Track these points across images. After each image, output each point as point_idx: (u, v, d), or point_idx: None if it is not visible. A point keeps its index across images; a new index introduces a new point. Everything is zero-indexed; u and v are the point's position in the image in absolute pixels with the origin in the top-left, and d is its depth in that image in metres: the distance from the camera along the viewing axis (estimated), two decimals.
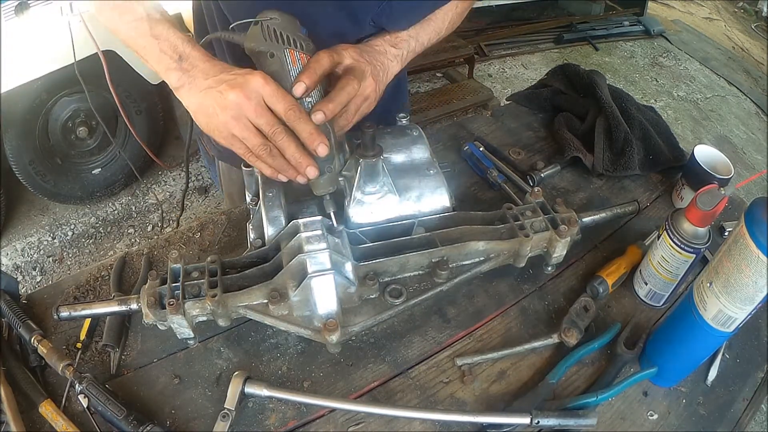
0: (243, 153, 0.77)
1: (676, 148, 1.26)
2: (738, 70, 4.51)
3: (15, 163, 2.37)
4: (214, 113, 0.74)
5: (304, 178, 0.79)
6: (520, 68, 4.15)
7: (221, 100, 0.73)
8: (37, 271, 2.51)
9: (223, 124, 0.74)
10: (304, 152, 0.76)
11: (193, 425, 0.77)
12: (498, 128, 1.33)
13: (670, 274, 0.89)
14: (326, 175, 0.82)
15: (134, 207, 2.83)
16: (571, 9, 4.80)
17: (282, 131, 0.74)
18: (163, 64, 0.77)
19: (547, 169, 1.18)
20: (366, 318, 0.83)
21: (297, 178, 0.79)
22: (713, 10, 5.50)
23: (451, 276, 0.87)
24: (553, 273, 0.98)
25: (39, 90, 2.27)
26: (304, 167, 0.77)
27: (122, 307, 0.78)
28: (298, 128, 0.74)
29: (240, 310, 0.80)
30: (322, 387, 0.82)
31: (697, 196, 0.81)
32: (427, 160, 0.94)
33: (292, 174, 0.79)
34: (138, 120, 2.57)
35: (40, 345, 0.80)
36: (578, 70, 1.37)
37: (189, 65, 0.76)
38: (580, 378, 0.86)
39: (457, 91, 3.41)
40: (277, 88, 0.73)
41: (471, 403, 0.82)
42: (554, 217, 0.92)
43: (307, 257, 0.78)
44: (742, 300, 0.70)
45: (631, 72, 4.27)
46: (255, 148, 0.75)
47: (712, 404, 0.85)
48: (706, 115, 3.95)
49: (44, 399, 0.76)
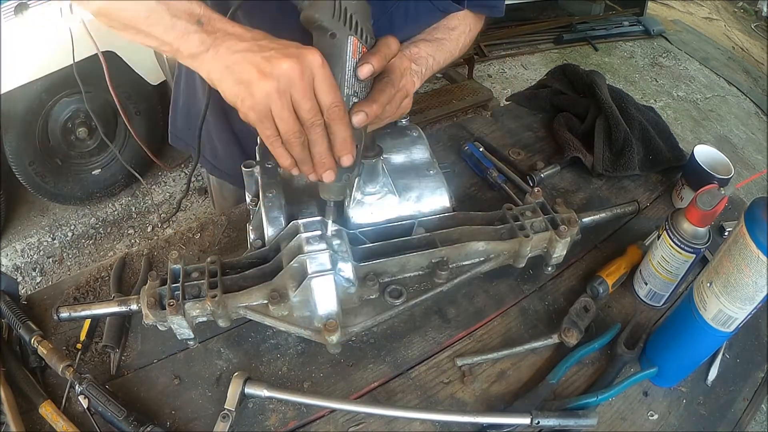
0: (270, 135, 0.67)
1: (675, 148, 1.26)
2: (738, 70, 4.51)
3: (15, 163, 2.37)
4: (251, 80, 0.63)
5: (318, 178, 0.73)
6: (519, 68, 4.15)
7: (269, 66, 0.62)
8: (37, 271, 2.51)
9: (264, 94, 0.63)
10: (330, 154, 0.70)
11: (193, 426, 0.77)
12: (498, 128, 1.33)
13: (670, 274, 0.89)
14: (342, 182, 0.77)
15: (134, 208, 2.82)
16: (570, 9, 4.80)
17: (321, 125, 0.66)
18: (177, 30, 0.64)
19: (546, 170, 1.18)
20: (366, 318, 0.83)
21: (311, 176, 0.73)
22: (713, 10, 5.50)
23: (451, 276, 0.87)
24: (553, 273, 0.98)
25: (39, 91, 2.27)
26: (325, 169, 0.70)
27: (122, 308, 0.78)
28: (334, 128, 0.67)
29: (240, 311, 0.80)
30: (322, 387, 0.82)
31: (697, 196, 0.81)
32: (427, 161, 0.94)
33: (309, 171, 0.72)
34: (138, 120, 2.57)
35: (40, 346, 0.80)
36: (578, 70, 1.37)
37: (213, 28, 0.65)
38: (580, 378, 0.86)
39: (457, 91, 3.41)
40: (330, 75, 0.65)
41: (471, 403, 0.82)
42: (554, 217, 0.92)
43: (307, 258, 0.78)
44: (742, 300, 0.70)
45: (630, 72, 4.27)
46: (287, 134, 0.66)
47: (713, 404, 0.85)
48: (705, 115, 3.95)
49: (44, 400, 0.76)
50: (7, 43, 2.01)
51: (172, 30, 0.65)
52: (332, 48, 0.68)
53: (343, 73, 0.69)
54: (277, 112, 0.64)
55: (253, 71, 0.63)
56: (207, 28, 0.65)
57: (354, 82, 0.71)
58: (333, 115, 0.66)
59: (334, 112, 0.66)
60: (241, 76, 0.64)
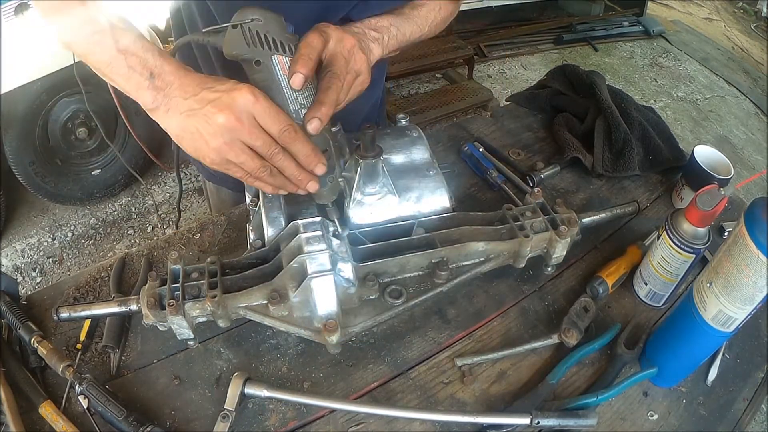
0: (241, 176, 0.72)
1: (675, 149, 1.26)
2: (737, 70, 4.51)
3: (15, 164, 2.37)
4: (201, 139, 0.67)
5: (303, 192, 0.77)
6: (519, 69, 4.15)
7: (209, 126, 0.66)
8: (36, 272, 2.51)
9: (215, 151, 0.67)
10: (302, 170, 0.73)
11: (193, 426, 0.77)
12: (498, 129, 1.33)
13: (670, 274, 0.89)
14: (328, 185, 0.80)
15: (134, 208, 2.83)
16: (570, 9, 4.80)
17: (280, 152, 0.69)
18: (132, 83, 0.67)
19: (546, 170, 1.18)
20: (366, 319, 0.83)
21: (298, 191, 0.77)
22: (713, 11, 5.51)
23: (451, 277, 0.87)
24: (553, 273, 0.99)
25: (39, 91, 2.27)
26: (305, 184, 0.74)
27: (122, 308, 0.78)
28: (293, 150, 0.70)
29: (240, 311, 0.80)
30: (322, 387, 0.82)
31: (696, 197, 0.81)
32: (426, 161, 0.94)
33: (293, 189, 0.76)
34: (137, 121, 2.57)
35: (40, 346, 0.80)
36: (578, 70, 1.37)
37: (163, 83, 0.67)
38: (580, 378, 0.86)
39: (457, 91, 3.41)
40: (269, 105, 0.67)
41: (471, 403, 0.82)
42: (554, 217, 0.92)
43: (307, 258, 0.78)
44: (742, 300, 0.70)
45: (630, 72, 4.27)
46: (254, 172, 0.70)
47: (712, 404, 0.85)
48: (705, 115, 3.95)
49: (44, 400, 0.76)
50: (7, 43, 2.01)
51: (128, 81, 0.67)
52: (262, 74, 0.69)
53: (282, 93, 0.70)
54: (235, 159, 0.68)
55: (201, 131, 0.66)
56: (157, 82, 0.67)
57: (296, 95, 0.71)
58: (286, 139, 0.68)
59: (286, 136, 0.68)
60: (192, 137, 0.68)
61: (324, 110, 0.71)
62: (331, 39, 0.76)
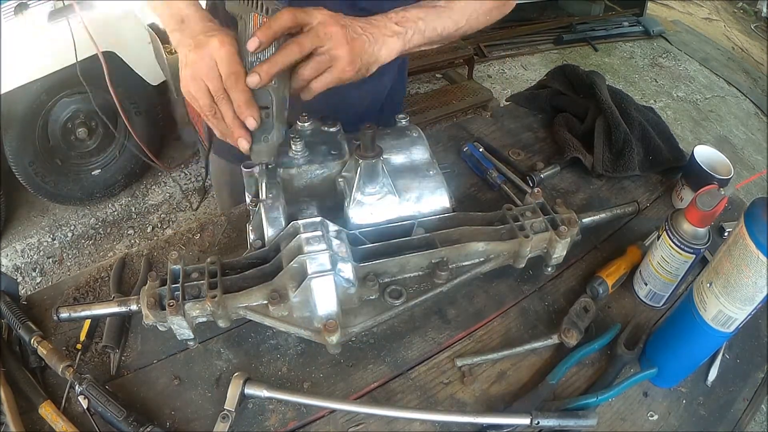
0: (199, 111, 0.80)
1: (675, 149, 1.26)
2: (737, 70, 4.51)
3: (15, 164, 2.37)
4: (181, 68, 0.79)
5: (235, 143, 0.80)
6: (519, 69, 4.15)
7: (184, 58, 0.78)
8: (36, 272, 2.51)
9: (183, 79, 0.78)
10: (238, 122, 0.78)
11: (193, 426, 0.77)
12: (497, 129, 1.33)
13: (670, 274, 0.89)
14: (262, 144, 0.81)
15: (134, 208, 2.82)
16: (570, 9, 4.80)
17: (224, 96, 0.76)
18: (169, 27, 0.83)
19: (546, 170, 1.18)
20: (366, 319, 0.83)
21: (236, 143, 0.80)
22: (713, 11, 5.51)
23: (451, 277, 0.87)
24: (553, 274, 0.98)
25: (39, 91, 2.26)
26: (236, 136, 0.79)
27: (122, 308, 0.78)
28: (233, 96, 0.76)
29: (240, 311, 0.80)
30: (322, 388, 0.82)
31: (696, 197, 0.81)
32: (426, 161, 0.94)
33: (232, 141, 0.80)
34: (137, 121, 2.57)
35: (39, 346, 0.80)
36: (578, 70, 1.37)
37: (185, 26, 0.81)
38: (580, 378, 0.86)
39: (457, 92, 3.41)
40: (230, 53, 0.75)
41: (471, 403, 0.82)
42: (554, 217, 0.92)
43: (307, 258, 0.78)
44: (742, 300, 0.70)
45: (630, 72, 4.27)
46: (204, 109, 0.78)
47: (712, 404, 0.85)
48: (705, 115, 3.95)
49: (44, 400, 0.76)
50: (7, 43, 2.01)
51: (167, 26, 0.83)
52: (241, 28, 0.78)
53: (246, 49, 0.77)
54: (193, 92, 0.78)
55: (183, 63, 0.79)
56: (182, 26, 0.81)
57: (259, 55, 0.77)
58: (228, 83, 0.75)
59: (229, 80, 0.75)
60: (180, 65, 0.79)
61: (266, 68, 0.75)
62: (313, 20, 0.79)
